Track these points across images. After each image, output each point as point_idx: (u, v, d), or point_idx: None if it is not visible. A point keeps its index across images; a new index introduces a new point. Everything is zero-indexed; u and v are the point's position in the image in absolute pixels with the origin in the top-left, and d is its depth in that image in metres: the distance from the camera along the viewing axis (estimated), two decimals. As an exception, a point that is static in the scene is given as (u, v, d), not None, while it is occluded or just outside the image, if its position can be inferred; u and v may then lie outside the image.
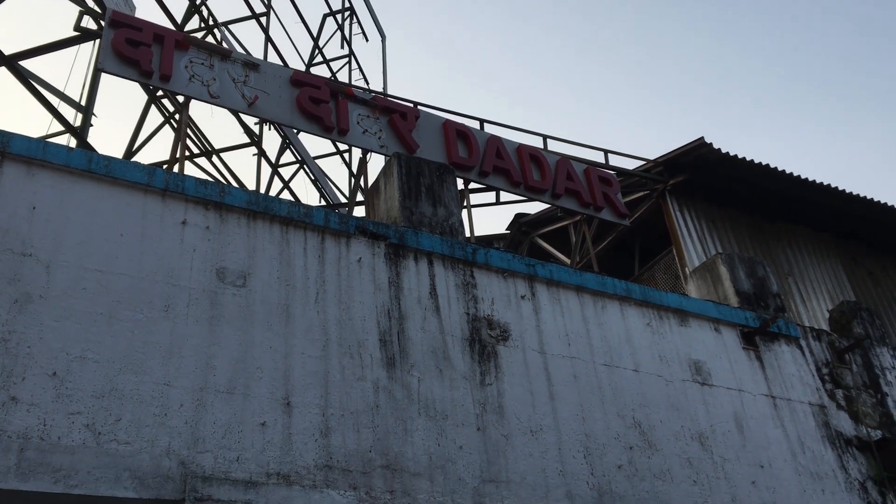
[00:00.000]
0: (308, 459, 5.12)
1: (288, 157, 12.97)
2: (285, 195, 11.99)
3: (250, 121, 11.21)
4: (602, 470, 6.13)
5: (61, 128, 7.90)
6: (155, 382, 4.91)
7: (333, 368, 5.56)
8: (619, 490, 6.10)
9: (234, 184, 10.61)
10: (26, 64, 7.70)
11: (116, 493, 4.48)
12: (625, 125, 41.00)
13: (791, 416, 7.47)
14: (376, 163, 34.59)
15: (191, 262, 5.48)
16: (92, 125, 7.87)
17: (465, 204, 8.52)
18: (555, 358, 6.53)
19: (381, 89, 15.56)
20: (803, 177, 10.50)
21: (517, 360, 6.35)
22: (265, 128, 11.42)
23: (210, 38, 11.30)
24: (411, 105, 8.73)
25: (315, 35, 15.15)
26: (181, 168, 6.98)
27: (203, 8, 11.51)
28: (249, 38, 42.56)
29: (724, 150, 10.07)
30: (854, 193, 10.86)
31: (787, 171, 10.38)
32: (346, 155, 13.82)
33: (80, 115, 8.15)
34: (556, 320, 6.78)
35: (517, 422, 6.02)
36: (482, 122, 9.44)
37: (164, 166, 8.25)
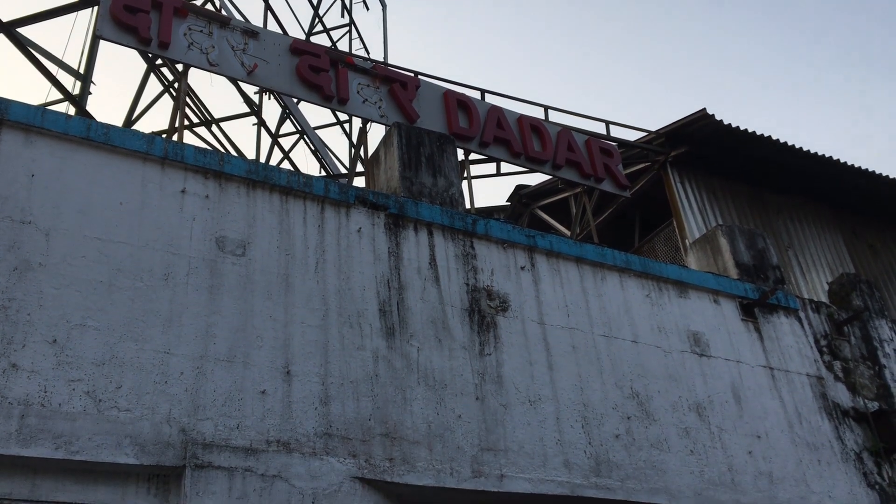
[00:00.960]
0: (308, 427, 5.15)
1: (288, 127, 12.93)
2: (285, 165, 11.97)
3: (250, 90, 11.17)
4: (600, 439, 6.17)
5: (60, 95, 7.85)
6: (155, 350, 4.93)
7: (333, 338, 5.58)
8: (617, 459, 6.14)
9: (234, 154, 10.58)
10: (24, 31, 7.63)
11: (117, 460, 4.52)
12: (627, 96, 40.78)
13: (788, 387, 7.51)
14: (376, 133, 34.46)
15: (190, 231, 5.48)
16: (91, 93, 7.83)
17: (465, 175, 8.49)
18: (554, 328, 6.55)
19: (381, 58, 15.46)
20: (805, 149, 10.46)
21: (516, 330, 6.37)
22: (265, 98, 11.37)
23: (209, 6, 11.20)
24: (412, 74, 8.67)
25: (315, 3, 15.01)
26: (180, 137, 6.95)
27: (202, -25, 11.38)
28: (248, 6, 42.20)
29: (725, 122, 10.02)
30: (855, 166, 10.83)
31: (789, 143, 10.34)
32: (346, 126, 13.77)
33: (78, 83, 8.10)
34: (556, 291, 6.79)
35: (516, 391, 6.05)
36: (483, 92, 9.39)
37: (164, 135, 8.22)
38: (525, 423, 5.93)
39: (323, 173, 13.11)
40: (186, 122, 10.41)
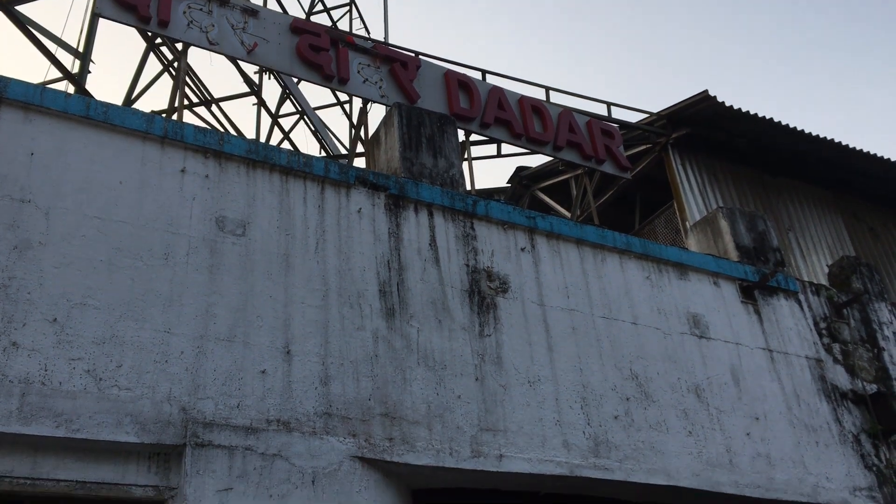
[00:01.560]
0: (308, 407, 5.17)
1: (288, 107, 12.87)
2: (285, 146, 11.93)
3: (250, 70, 11.11)
4: (598, 420, 6.19)
5: (59, 74, 7.80)
6: (155, 330, 4.94)
7: (333, 318, 5.59)
8: (615, 440, 6.17)
9: (234, 133, 10.54)
10: (23, 9, 7.58)
11: (118, 438, 4.54)
12: (629, 78, 40.62)
13: (787, 369, 7.52)
14: (377, 113, 34.34)
15: (190, 211, 5.47)
16: (90, 72, 7.77)
17: (465, 156, 8.46)
18: (554, 310, 6.55)
19: (382, 38, 15.37)
20: (806, 131, 10.43)
21: (516, 311, 6.37)
22: (265, 77, 11.33)
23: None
24: (413, 54, 8.63)
25: (315, -18, 14.89)
26: (180, 117, 6.92)
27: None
28: (249, -14, 41.83)
29: (727, 104, 9.98)
30: (856, 148, 10.80)
31: (791, 125, 10.31)
32: (346, 106, 13.70)
33: (77, 62, 8.04)
34: (556, 273, 6.79)
35: (515, 372, 6.06)
36: (484, 72, 9.34)
37: (163, 115, 8.18)
38: (524, 404, 5.95)
39: (323, 154, 13.07)
40: (186, 102, 10.37)
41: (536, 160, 12.13)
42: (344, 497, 4.98)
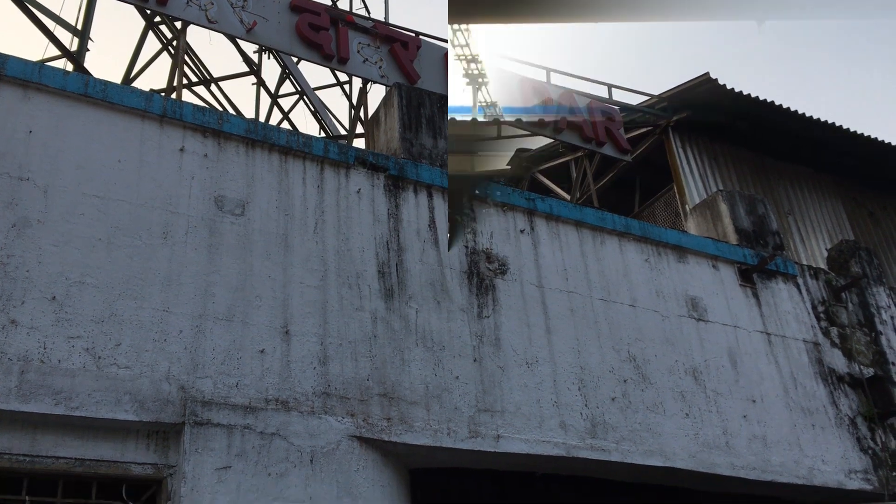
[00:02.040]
0: (306, 386, 5.18)
1: (287, 87, 12.80)
2: (284, 126, 11.88)
3: (249, 49, 11.05)
4: (596, 402, 6.21)
5: (57, 52, 7.76)
6: (154, 308, 4.94)
7: (332, 298, 5.59)
8: (612, 421, 6.19)
9: (233, 113, 10.49)
10: (20, -14, 7.52)
11: (117, 416, 4.55)
12: (630, 61, 40.42)
13: (785, 352, 7.54)
14: (377, 94, 34.20)
15: (189, 190, 5.46)
16: (88, 50, 7.73)
17: (465, 137, 8.44)
18: (552, 292, 6.56)
19: (382, 18, 15.27)
20: (807, 114, 10.40)
21: (515, 293, 6.38)
22: (264, 57, 11.27)
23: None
24: (413, 34, 8.59)
25: (315, -39, 14.76)
26: (179, 95, 6.90)
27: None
28: (249, -35, 41.46)
29: (729, 87, 9.94)
30: (857, 132, 10.77)
31: (792, 109, 10.28)
32: (346, 87, 13.63)
33: (76, 40, 8.00)
34: (555, 255, 6.79)
35: (513, 354, 6.07)
36: (485, 53, 9.30)
37: (162, 94, 8.15)
38: (522, 385, 5.97)
39: (322, 134, 13.03)
40: (185, 81, 10.32)
41: (537, 142, 12.10)
42: (342, 476, 5.00)
